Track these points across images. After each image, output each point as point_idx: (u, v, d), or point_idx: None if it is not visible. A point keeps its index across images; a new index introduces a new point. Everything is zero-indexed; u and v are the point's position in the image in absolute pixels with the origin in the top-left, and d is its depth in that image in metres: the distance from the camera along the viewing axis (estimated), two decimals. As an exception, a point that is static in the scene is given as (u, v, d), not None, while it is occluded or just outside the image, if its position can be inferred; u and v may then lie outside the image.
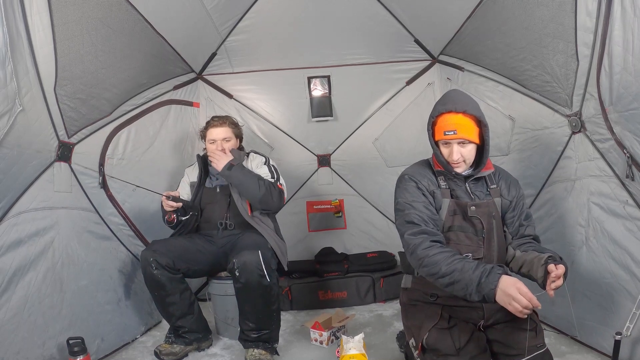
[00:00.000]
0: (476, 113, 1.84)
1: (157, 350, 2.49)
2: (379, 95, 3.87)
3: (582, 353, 2.26)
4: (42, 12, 1.95)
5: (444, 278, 1.64)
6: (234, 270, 2.36)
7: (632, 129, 1.89)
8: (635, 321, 1.98)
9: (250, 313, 2.41)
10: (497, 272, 1.55)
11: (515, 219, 1.95)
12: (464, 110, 1.83)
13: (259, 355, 2.40)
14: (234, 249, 2.53)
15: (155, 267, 2.40)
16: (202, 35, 3.31)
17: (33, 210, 2.12)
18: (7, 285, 1.94)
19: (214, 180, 2.84)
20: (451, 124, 1.83)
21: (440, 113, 1.88)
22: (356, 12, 3.40)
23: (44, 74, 2.06)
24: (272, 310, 2.45)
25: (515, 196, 1.96)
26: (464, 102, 1.86)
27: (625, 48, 1.81)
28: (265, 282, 2.36)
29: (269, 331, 2.45)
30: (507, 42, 2.63)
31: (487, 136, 1.86)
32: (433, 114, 1.92)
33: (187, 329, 2.54)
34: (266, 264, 2.37)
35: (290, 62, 3.75)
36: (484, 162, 1.90)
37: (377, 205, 3.96)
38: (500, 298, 1.52)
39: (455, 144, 1.84)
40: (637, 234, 2.00)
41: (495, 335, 1.84)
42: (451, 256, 1.66)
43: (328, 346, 2.62)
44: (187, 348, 2.57)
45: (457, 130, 1.81)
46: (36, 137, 2.11)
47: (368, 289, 3.37)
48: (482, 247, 1.87)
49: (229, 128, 2.80)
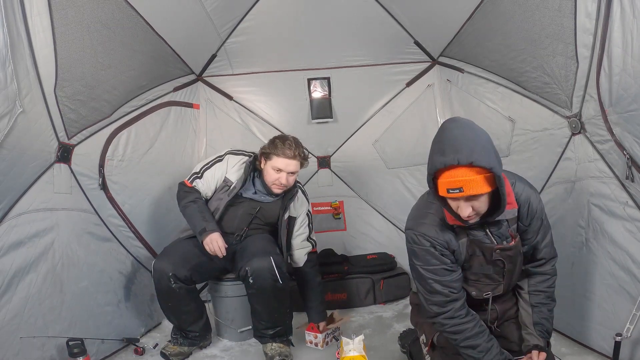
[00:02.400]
0: (486, 163, 1.45)
1: (165, 352, 2.49)
2: (379, 97, 3.87)
3: (582, 354, 2.26)
4: (43, 13, 1.95)
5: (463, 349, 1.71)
6: (247, 278, 2.37)
7: (632, 130, 1.89)
8: (635, 322, 1.98)
9: (264, 313, 2.46)
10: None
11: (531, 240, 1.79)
12: (469, 163, 1.45)
13: (278, 349, 2.47)
14: (243, 254, 2.51)
15: (173, 282, 2.36)
16: (202, 37, 3.31)
17: (33, 212, 2.12)
18: (7, 286, 1.93)
19: (250, 192, 2.67)
20: (455, 181, 1.47)
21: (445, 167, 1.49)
22: (356, 14, 3.40)
23: (44, 75, 2.06)
24: (286, 307, 2.51)
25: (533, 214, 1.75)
26: (469, 148, 1.46)
27: (625, 49, 1.81)
28: (279, 285, 2.39)
29: (283, 326, 2.52)
30: (507, 44, 2.63)
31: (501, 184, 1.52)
32: (431, 169, 1.54)
33: (197, 333, 2.56)
34: (278, 268, 2.38)
35: (290, 64, 3.75)
36: (502, 208, 1.59)
37: (377, 207, 3.96)
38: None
39: (464, 200, 1.53)
40: (637, 235, 2.00)
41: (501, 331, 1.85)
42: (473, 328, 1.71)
43: (323, 348, 2.62)
44: (193, 348, 2.60)
45: (464, 187, 1.47)
46: (36, 138, 2.11)
47: (368, 290, 3.36)
48: (502, 284, 1.80)
49: (299, 162, 2.60)
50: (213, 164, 2.68)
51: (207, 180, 2.65)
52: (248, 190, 2.67)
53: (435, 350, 1.82)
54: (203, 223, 2.49)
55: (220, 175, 2.66)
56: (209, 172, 2.66)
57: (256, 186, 2.67)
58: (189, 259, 2.46)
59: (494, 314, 1.88)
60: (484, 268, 1.75)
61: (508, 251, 1.73)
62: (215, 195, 2.66)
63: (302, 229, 2.75)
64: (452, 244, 1.69)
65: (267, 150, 2.59)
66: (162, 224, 2.73)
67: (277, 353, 2.45)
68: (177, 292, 2.38)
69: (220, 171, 2.66)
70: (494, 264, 1.74)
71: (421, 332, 1.94)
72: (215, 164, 2.68)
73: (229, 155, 2.71)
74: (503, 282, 1.79)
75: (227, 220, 2.67)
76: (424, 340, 1.89)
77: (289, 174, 2.56)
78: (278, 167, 2.54)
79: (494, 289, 1.79)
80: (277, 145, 2.56)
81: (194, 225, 2.52)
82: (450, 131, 1.52)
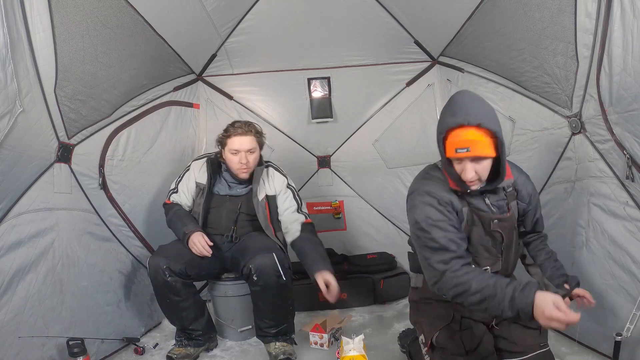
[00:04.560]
0: (492, 127, 1.61)
1: (171, 355, 2.47)
2: (379, 97, 3.87)
3: (582, 354, 2.26)
4: (43, 13, 1.95)
5: (475, 295, 1.53)
6: (251, 275, 2.37)
7: (632, 130, 1.90)
8: (635, 322, 1.98)
9: (268, 311, 2.46)
10: (532, 287, 1.45)
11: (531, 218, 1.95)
12: (478, 124, 1.59)
13: (282, 348, 2.47)
14: (245, 252, 2.50)
15: (168, 275, 2.37)
16: (202, 37, 3.31)
17: (33, 212, 2.12)
18: (7, 286, 1.93)
19: (224, 188, 2.71)
20: (463, 141, 1.60)
21: (451, 128, 1.64)
22: (356, 14, 3.40)
23: (44, 75, 2.06)
24: (288, 304, 2.52)
25: (531, 194, 1.92)
26: (478, 112, 1.62)
27: (625, 49, 1.82)
28: (282, 281, 2.39)
29: (287, 324, 2.52)
30: (507, 44, 2.63)
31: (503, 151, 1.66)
32: (442, 128, 1.67)
33: (200, 332, 2.55)
34: (281, 264, 2.39)
35: (291, 64, 3.75)
36: (502, 176, 1.72)
37: (377, 206, 3.96)
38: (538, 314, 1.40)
39: (469, 161, 1.64)
40: (637, 235, 2.00)
41: (501, 332, 1.85)
42: (481, 273, 1.59)
43: (329, 348, 2.62)
44: (199, 350, 2.58)
45: (471, 147, 1.59)
46: (36, 138, 2.11)
47: (368, 290, 3.36)
48: (500, 259, 1.84)
49: (254, 137, 2.61)
50: (183, 176, 2.76)
51: (183, 191, 2.72)
52: (221, 186, 2.71)
53: (435, 351, 1.82)
54: (182, 227, 2.53)
55: (192, 183, 2.72)
56: (181, 184, 2.74)
57: (226, 179, 2.70)
58: (183, 254, 2.47)
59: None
60: (483, 240, 1.79)
61: (505, 222, 1.81)
62: (195, 201, 2.72)
63: (288, 202, 2.69)
64: (455, 205, 1.73)
65: (221, 137, 2.64)
66: (162, 223, 2.73)
67: (282, 352, 2.45)
68: (173, 285, 2.38)
69: (191, 180, 2.72)
70: (492, 237, 1.80)
71: (420, 331, 1.94)
72: (184, 175, 2.76)
73: (193, 163, 2.79)
74: (501, 258, 1.83)
75: (213, 222, 2.69)
76: (422, 340, 1.89)
77: (247, 152, 2.57)
78: (234, 148, 2.56)
79: (492, 263, 1.82)
80: (227, 129, 2.62)
81: (177, 233, 2.58)
82: (461, 97, 1.68)
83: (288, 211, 2.68)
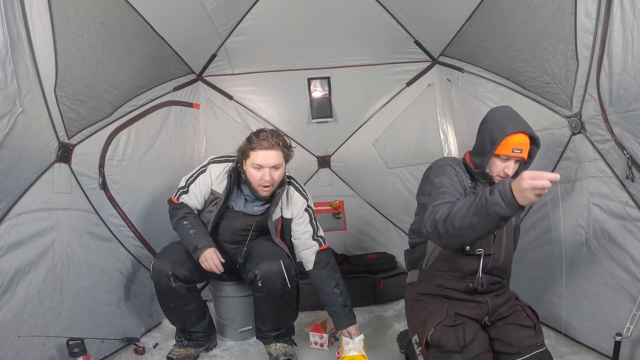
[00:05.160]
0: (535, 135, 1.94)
1: (172, 356, 2.45)
2: (379, 97, 3.87)
3: (582, 354, 2.26)
4: (43, 13, 1.95)
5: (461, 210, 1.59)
6: (256, 281, 2.33)
7: (632, 130, 1.90)
8: (635, 322, 1.98)
9: (270, 317, 2.45)
10: (506, 179, 1.51)
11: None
12: (529, 133, 1.90)
13: (282, 349, 2.46)
14: (252, 258, 2.46)
15: (173, 281, 2.30)
16: (202, 37, 3.31)
17: (33, 212, 2.12)
18: (7, 286, 1.93)
19: (240, 203, 2.50)
20: (520, 144, 1.89)
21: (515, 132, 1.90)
22: (356, 14, 3.40)
23: (44, 75, 2.06)
24: (291, 310, 2.50)
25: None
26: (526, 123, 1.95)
27: (625, 49, 1.82)
28: (287, 288, 2.35)
29: (287, 328, 2.51)
30: (507, 44, 2.63)
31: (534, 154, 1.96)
32: (504, 131, 1.89)
33: (201, 333, 2.54)
34: (287, 272, 2.34)
35: (290, 64, 3.75)
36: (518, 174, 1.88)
37: (377, 206, 3.96)
38: (517, 191, 1.43)
39: (514, 161, 1.92)
40: (637, 234, 2.01)
41: (497, 333, 1.87)
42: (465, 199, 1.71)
43: (329, 348, 2.62)
44: (199, 350, 2.57)
45: (523, 150, 1.89)
46: (36, 138, 2.11)
47: (368, 290, 3.36)
48: (492, 244, 1.93)
49: (281, 152, 2.32)
50: (197, 176, 2.49)
51: (194, 194, 2.47)
52: (238, 201, 2.49)
53: (430, 350, 1.83)
54: (195, 241, 2.33)
55: (207, 189, 2.47)
56: (193, 185, 2.48)
57: (244, 192, 2.47)
58: (188, 258, 2.40)
59: (485, 308, 1.92)
60: None
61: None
62: (206, 207, 2.51)
63: (303, 227, 2.50)
64: (465, 183, 1.96)
65: (244, 147, 2.35)
66: (162, 223, 2.73)
67: (282, 353, 2.44)
68: (177, 291, 2.33)
69: (206, 184, 2.47)
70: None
71: (413, 332, 1.95)
72: (199, 176, 2.49)
73: (211, 165, 2.49)
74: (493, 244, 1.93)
75: (223, 232, 2.57)
76: (416, 341, 1.90)
77: (271, 168, 2.30)
78: (258, 163, 2.29)
79: (485, 246, 1.91)
80: (251, 140, 2.31)
81: (187, 244, 2.37)
82: (506, 110, 2.00)
83: (303, 237, 2.51)
